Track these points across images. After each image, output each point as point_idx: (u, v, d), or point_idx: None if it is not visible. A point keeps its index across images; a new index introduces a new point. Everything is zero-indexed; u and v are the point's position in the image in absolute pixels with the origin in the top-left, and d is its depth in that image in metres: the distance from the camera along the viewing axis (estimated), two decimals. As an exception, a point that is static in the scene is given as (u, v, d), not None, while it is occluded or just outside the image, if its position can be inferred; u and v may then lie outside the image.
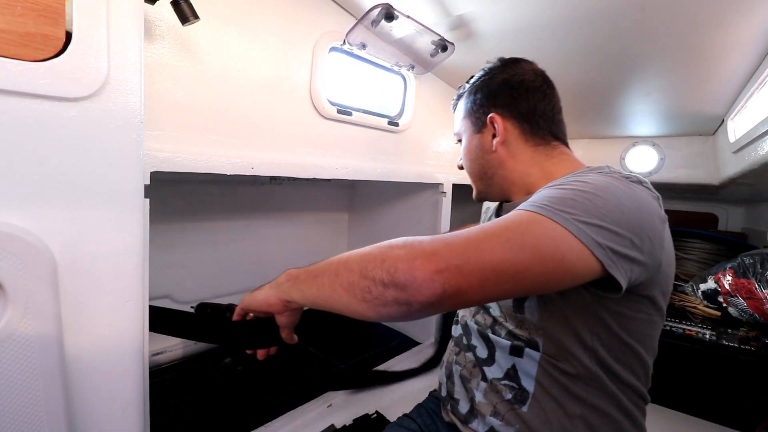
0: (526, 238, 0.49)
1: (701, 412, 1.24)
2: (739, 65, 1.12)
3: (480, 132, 0.80)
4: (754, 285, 1.33)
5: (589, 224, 0.50)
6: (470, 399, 0.74)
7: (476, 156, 0.81)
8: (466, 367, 0.77)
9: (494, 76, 0.79)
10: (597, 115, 1.81)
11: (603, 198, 0.53)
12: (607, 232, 0.50)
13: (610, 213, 0.51)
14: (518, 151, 0.77)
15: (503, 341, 0.70)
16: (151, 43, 0.75)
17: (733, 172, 1.50)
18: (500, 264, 0.48)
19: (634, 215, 0.53)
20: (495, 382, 0.71)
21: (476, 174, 0.84)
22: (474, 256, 0.48)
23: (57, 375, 0.53)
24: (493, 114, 0.77)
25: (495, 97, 0.78)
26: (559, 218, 0.50)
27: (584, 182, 0.56)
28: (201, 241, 1.45)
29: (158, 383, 1.21)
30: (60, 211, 0.53)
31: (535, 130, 0.77)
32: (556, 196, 0.54)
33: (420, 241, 0.50)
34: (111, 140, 0.56)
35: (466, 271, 0.47)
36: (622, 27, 0.98)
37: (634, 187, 0.58)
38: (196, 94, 0.84)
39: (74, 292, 0.55)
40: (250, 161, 0.92)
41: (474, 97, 0.81)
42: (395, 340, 1.62)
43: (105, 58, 0.54)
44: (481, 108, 0.79)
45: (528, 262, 0.48)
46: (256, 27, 0.93)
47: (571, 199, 0.52)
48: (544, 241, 0.49)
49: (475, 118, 0.81)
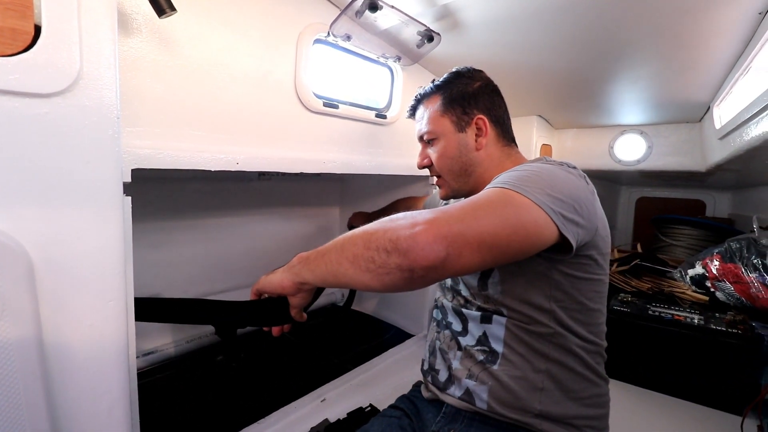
0: (508, 209, 0.58)
1: (690, 395, 1.25)
2: (724, 52, 1.12)
3: (463, 131, 0.86)
4: (741, 269, 1.34)
5: (545, 195, 0.60)
6: (448, 367, 0.82)
7: (459, 154, 0.87)
8: (444, 341, 0.86)
9: (469, 82, 0.87)
10: (585, 105, 1.81)
11: (548, 177, 0.64)
12: (558, 201, 0.61)
13: (555, 186, 0.62)
14: (492, 151, 0.87)
15: (474, 313, 0.79)
16: (127, 36, 0.73)
17: (719, 158, 1.51)
18: (494, 230, 0.55)
19: (572, 188, 0.65)
20: (469, 348, 0.80)
21: (456, 172, 0.89)
22: (472, 223, 0.54)
23: (38, 377, 0.53)
24: (481, 116, 0.85)
25: (476, 100, 0.86)
26: (525, 192, 0.59)
27: (531, 167, 0.68)
28: (190, 240, 1.43)
29: (150, 383, 1.20)
30: (35, 210, 0.52)
31: (504, 133, 0.89)
32: (515, 176, 0.64)
33: (419, 212, 0.56)
34: (86, 137, 0.55)
35: (468, 236, 0.53)
36: (606, 15, 0.98)
37: (566, 168, 0.70)
38: (177, 89, 0.83)
39: (53, 293, 0.54)
40: (235, 156, 0.91)
41: (453, 98, 0.87)
42: (389, 333, 1.62)
43: (77, 52, 0.53)
44: (464, 109, 0.86)
45: (514, 229, 0.57)
46: (237, 19, 0.91)
47: (527, 178, 0.63)
48: (521, 211, 0.58)
49: (457, 118, 0.87)
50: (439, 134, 0.89)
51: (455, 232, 0.52)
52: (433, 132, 0.89)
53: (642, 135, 2.02)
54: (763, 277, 1.28)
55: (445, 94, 0.88)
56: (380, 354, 1.39)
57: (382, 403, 1.11)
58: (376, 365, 1.32)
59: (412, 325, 1.64)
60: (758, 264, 1.31)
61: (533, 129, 1.98)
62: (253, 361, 1.33)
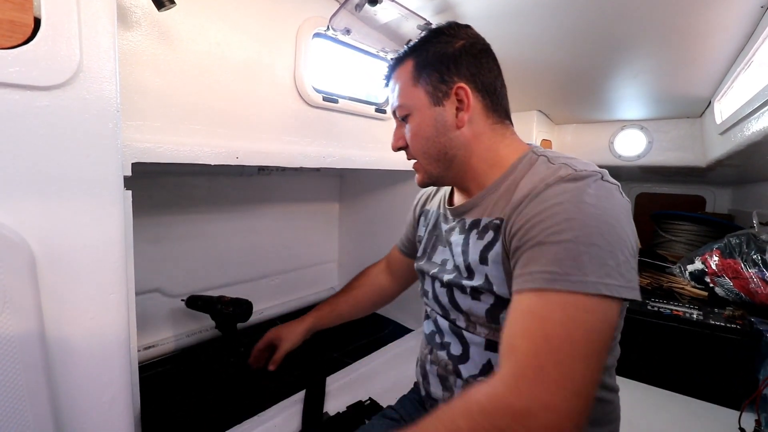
0: (591, 337, 0.48)
1: (688, 390, 1.26)
2: (725, 46, 1.12)
3: (440, 104, 0.68)
4: (740, 265, 1.35)
5: (610, 271, 0.50)
6: (448, 399, 0.72)
7: (436, 133, 0.69)
8: (440, 365, 0.75)
9: (450, 41, 0.68)
10: (585, 100, 1.81)
11: (607, 237, 0.51)
12: (624, 266, 0.51)
13: (617, 248, 0.51)
14: (480, 130, 0.69)
15: (477, 338, 0.69)
16: (127, 30, 0.73)
17: (719, 153, 1.51)
18: (590, 376, 0.47)
19: (629, 231, 0.54)
20: (471, 380, 0.69)
21: (434, 155, 0.71)
22: (571, 393, 0.46)
23: (40, 370, 0.53)
24: (461, 84, 0.67)
25: (457, 63, 0.67)
26: (593, 288, 0.49)
27: (577, 231, 0.51)
28: (190, 234, 1.43)
29: (151, 376, 1.21)
30: (36, 203, 0.52)
31: (495, 106, 0.70)
32: (570, 257, 0.50)
33: (511, 408, 0.45)
34: (87, 130, 0.55)
35: (574, 406, 0.46)
36: (606, 8, 0.98)
37: (614, 197, 0.55)
38: (176, 82, 0.83)
39: (55, 286, 0.54)
40: (234, 151, 0.91)
41: (428, 62, 0.68)
42: (387, 328, 1.63)
43: (77, 45, 0.53)
44: (442, 76, 0.67)
45: (601, 350, 0.49)
46: (236, 13, 0.91)
47: (583, 255, 0.50)
48: (601, 326, 0.49)
49: (432, 87, 0.68)
50: (412, 109, 0.71)
51: (565, 415, 0.44)
52: (405, 106, 0.72)
53: (642, 130, 2.02)
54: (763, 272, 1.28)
55: (418, 58, 0.69)
56: (379, 348, 1.39)
57: (382, 397, 1.12)
58: (376, 359, 1.33)
59: (411, 320, 1.65)
60: (758, 259, 1.31)
61: (533, 124, 1.98)
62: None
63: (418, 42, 0.71)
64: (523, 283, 0.53)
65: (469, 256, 0.68)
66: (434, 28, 0.71)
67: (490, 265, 0.63)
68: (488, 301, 0.65)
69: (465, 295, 0.68)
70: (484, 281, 0.64)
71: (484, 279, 0.64)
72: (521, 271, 0.55)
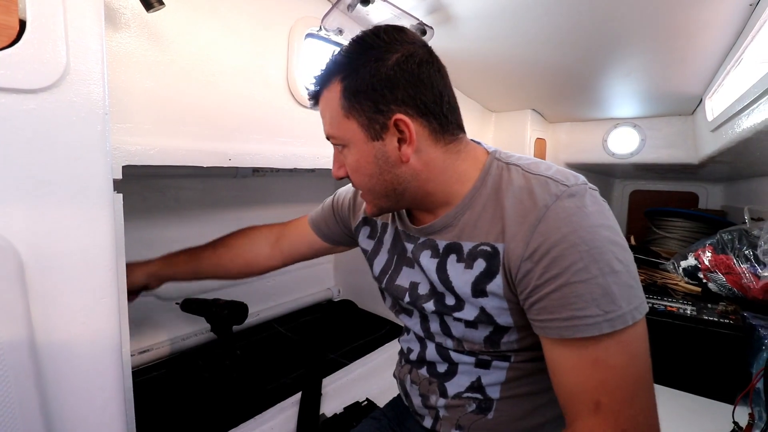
0: (646, 361, 0.52)
1: (682, 385, 1.27)
2: (715, 44, 1.12)
3: (379, 139, 0.58)
4: (733, 260, 1.36)
5: (638, 297, 0.52)
6: (434, 416, 0.70)
7: (379, 171, 0.60)
8: (422, 384, 0.72)
9: (383, 57, 0.56)
10: (578, 98, 1.81)
11: (620, 257, 0.51)
12: (638, 278, 0.53)
13: (629, 263, 0.52)
14: (430, 156, 0.60)
15: (467, 358, 0.65)
16: (116, 31, 0.73)
17: (711, 150, 1.52)
18: (654, 396, 0.52)
19: (623, 236, 0.55)
20: (455, 399, 0.67)
21: (380, 192, 0.62)
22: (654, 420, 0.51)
23: (30, 377, 0.52)
24: (399, 115, 0.56)
25: (393, 88, 0.55)
26: (630, 319, 0.50)
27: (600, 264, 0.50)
28: (184, 237, 1.42)
29: (147, 380, 1.20)
30: (24, 207, 0.51)
31: (444, 126, 0.60)
32: (602, 293, 0.49)
33: None
34: (75, 133, 0.54)
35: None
36: (598, 7, 0.98)
37: (604, 207, 0.54)
38: (167, 84, 0.82)
39: (44, 291, 0.53)
40: (227, 152, 0.90)
41: (358, 89, 0.56)
42: (384, 328, 1.63)
43: (63, 47, 0.52)
44: (377, 105, 0.56)
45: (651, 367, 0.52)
46: (226, 13, 0.90)
47: (613, 286, 0.50)
48: (645, 347, 0.52)
49: (367, 119, 0.57)
50: (347, 141, 0.60)
51: None
52: (339, 138, 0.61)
53: (635, 128, 2.03)
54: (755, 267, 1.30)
55: (346, 81, 0.57)
56: (376, 349, 1.39)
57: (379, 397, 1.12)
58: (373, 360, 1.32)
59: (408, 320, 1.65)
60: (749, 255, 1.33)
61: (527, 123, 1.99)
62: (248, 358, 1.33)
63: (344, 56, 0.58)
64: (564, 330, 0.51)
65: (455, 287, 0.61)
66: (361, 39, 0.58)
67: (488, 297, 0.58)
68: (486, 329, 0.61)
69: (458, 323, 0.63)
70: (480, 313, 0.60)
71: (480, 311, 0.60)
72: (554, 317, 0.52)
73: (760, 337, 1.06)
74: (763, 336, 1.05)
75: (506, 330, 0.60)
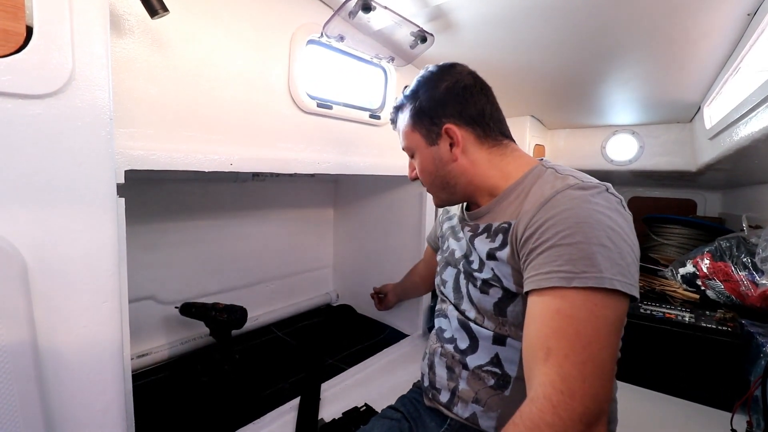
0: (612, 330, 0.54)
1: (680, 392, 1.27)
2: (714, 52, 1.14)
3: (435, 144, 0.78)
4: (731, 268, 1.36)
5: (622, 271, 0.55)
6: (452, 389, 0.78)
7: (436, 169, 0.80)
8: (448, 357, 0.81)
9: (436, 85, 0.78)
10: (577, 105, 1.83)
11: (608, 237, 0.56)
12: (632, 268, 0.57)
13: (624, 251, 0.56)
14: (476, 156, 0.77)
15: (486, 332, 0.74)
16: (120, 37, 0.73)
17: (709, 158, 1.53)
18: (612, 365, 0.54)
19: (632, 237, 0.60)
20: (477, 370, 0.74)
21: (439, 186, 0.82)
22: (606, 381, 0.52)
23: (32, 379, 0.52)
24: (448, 124, 0.76)
25: (444, 106, 0.77)
26: (608, 284, 0.54)
27: (588, 233, 0.56)
28: (184, 241, 1.43)
29: (146, 384, 1.20)
30: (28, 211, 0.52)
31: (487, 132, 0.77)
32: (584, 256, 0.55)
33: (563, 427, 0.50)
34: (79, 138, 0.55)
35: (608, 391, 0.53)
36: (598, 15, 0.99)
37: (618, 208, 0.61)
38: (170, 89, 0.83)
39: (47, 294, 0.54)
40: (228, 157, 0.91)
41: (420, 109, 0.79)
42: (383, 333, 1.62)
43: (69, 53, 0.53)
44: (432, 120, 0.77)
45: (618, 342, 0.56)
46: (229, 20, 0.91)
47: (596, 255, 0.55)
48: (617, 320, 0.55)
49: (426, 131, 0.79)
50: (414, 149, 0.83)
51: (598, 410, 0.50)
52: (408, 147, 0.84)
53: (634, 135, 2.04)
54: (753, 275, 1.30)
55: (413, 105, 0.80)
56: (375, 354, 1.39)
57: (378, 402, 1.11)
58: (371, 365, 1.32)
59: (407, 325, 1.65)
60: (747, 262, 1.33)
61: (526, 129, 2.00)
62: (247, 362, 1.33)
63: (411, 90, 0.82)
64: (541, 281, 0.57)
65: (478, 252, 0.75)
66: (423, 75, 0.81)
67: (497, 261, 0.70)
68: (496, 294, 0.71)
69: (475, 288, 0.75)
70: (492, 275, 0.71)
71: (492, 273, 0.71)
72: (537, 272, 0.59)
73: (758, 345, 1.07)
74: (761, 343, 1.06)
75: (511, 298, 0.69)
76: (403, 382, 1.12)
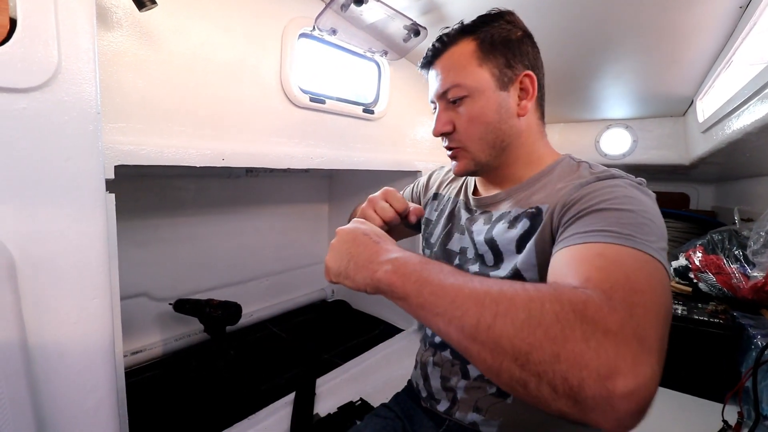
0: (667, 298, 0.42)
1: (673, 384, 1.28)
2: (706, 46, 1.14)
3: (505, 90, 0.65)
4: (723, 261, 1.37)
5: (663, 249, 0.47)
6: (451, 398, 0.71)
7: (498, 119, 0.65)
8: (444, 366, 0.73)
9: (513, 28, 0.66)
10: (571, 99, 1.83)
11: (657, 220, 0.50)
12: (665, 248, 0.49)
13: (662, 230, 0.50)
14: (531, 122, 0.68)
15: None
16: (107, 31, 0.72)
17: (702, 151, 1.54)
18: (665, 339, 0.41)
19: (662, 222, 0.53)
20: (477, 379, 0.67)
21: (490, 141, 0.67)
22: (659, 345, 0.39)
23: (22, 377, 0.52)
24: (529, 72, 0.65)
25: (522, 52, 0.65)
26: (657, 254, 0.45)
27: (635, 204, 0.50)
28: (177, 237, 1.42)
29: (140, 381, 1.19)
30: (15, 207, 0.51)
31: (542, 104, 0.69)
32: (634, 223, 0.47)
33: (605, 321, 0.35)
34: (66, 133, 0.54)
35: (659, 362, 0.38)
36: (591, 9, 0.99)
37: (654, 199, 0.56)
38: (160, 83, 0.82)
39: (36, 291, 0.53)
40: (220, 152, 0.90)
41: (495, 43, 0.65)
42: (378, 328, 1.63)
43: (55, 46, 0.52)
44: (509, 61, 0.65)
45: (670, 315, 0.43)
46: (219, 13, 0.90)
47: (645, 226, 0.47)
48: (668, 292, 0.43)
49: (498, 71, 0.64)
50: (473, 90, 0.65)
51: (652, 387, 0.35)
52: (466, 87, 0.65)
53: (627, 129, 2.04)
54: (744, 267, 1.31)
55: (482, 37, 0.65)
56: (370, 349, 1.39)
57: (373, 397, 1.12)
58: (366, 360, 1.33)
59: (402, 321, 1.65)
60: (739, 255, 1.34)
61: (521, 123, 1.99)
62: (242, 358, 1.33)
63: (475, 23, 0.67)
64: (583, 237, 0.47)
65: (498, 244, 0.65)
66: (490, 13, 0.68)
67: (525, 251, 0.60)
68: None
69: None
70: (511, 270, 0.61)
71: (512, 270, 0.61)
72: (575, 231, 0.49)
73: (749, 337, 1.08)
74: (752, 335, 1.07)
75: None
76: (398, 377, 1.12)
